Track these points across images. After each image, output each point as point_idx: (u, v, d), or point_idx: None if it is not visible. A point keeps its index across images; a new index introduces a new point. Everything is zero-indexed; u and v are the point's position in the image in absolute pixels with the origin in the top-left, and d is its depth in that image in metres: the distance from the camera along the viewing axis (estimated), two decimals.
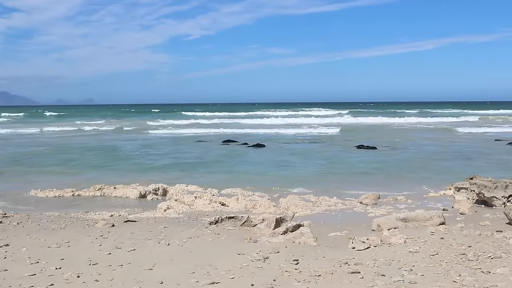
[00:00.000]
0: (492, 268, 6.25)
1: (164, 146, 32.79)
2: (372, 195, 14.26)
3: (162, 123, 64.87)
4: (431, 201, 14.06)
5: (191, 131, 47.75)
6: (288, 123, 62.03)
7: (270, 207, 13.17)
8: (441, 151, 28.22)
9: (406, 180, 18.05)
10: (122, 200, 15.02)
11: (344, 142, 34.32)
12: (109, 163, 23.91)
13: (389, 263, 6.78)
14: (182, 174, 19.97)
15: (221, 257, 7.34)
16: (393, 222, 9.69)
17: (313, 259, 7.16)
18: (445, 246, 7.59)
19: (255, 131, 47.90)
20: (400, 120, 66.33)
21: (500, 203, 12.67)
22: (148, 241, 8.70)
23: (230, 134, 42.94)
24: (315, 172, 20.33)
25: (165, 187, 15.85)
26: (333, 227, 10.23)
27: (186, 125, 59.69)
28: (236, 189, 15.75)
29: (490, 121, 63.82)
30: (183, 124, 63.18)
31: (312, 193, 15.07)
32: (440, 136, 38.69)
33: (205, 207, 13.38)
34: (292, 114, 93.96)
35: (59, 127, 56.69)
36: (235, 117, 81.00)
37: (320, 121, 65.27)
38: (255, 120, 70.23)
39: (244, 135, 42.42)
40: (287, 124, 60.28)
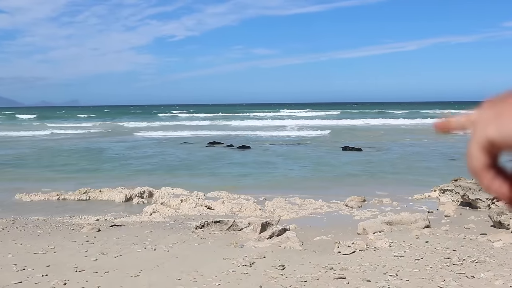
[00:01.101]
0: (476, 273, 6.32)
1: (149, 148, 32.69)
2: (358, 198, 14.33)
3: (147, 125, 64.67)
4: (417, 203, 14.15)
5: (176, 133, 47.64)
6: (273, 124, 62.03)
7: (256, 210, 13.19)
8: (426, 152, 28.39)
9: (391, 181, 18.15)
10: (107, 204, 14.95)
11: (330, 144, 34.43)
12: (94, 166, 23.80)
13: (374, 268, 6.83)
14: (167, 176, 19.92)
15: (207, 262, 7.35)
16: (379, 225, 9.76)
17: (299, 264, 7.20)
18: (430, 250, 7.66)
19: (241, 132, 47.93)
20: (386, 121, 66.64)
21: (485, 205, 12.79)
22: (134, 246, 8.69)
23: (215, 135, 42.90)
24: (301, 174, 20.38)
25: (151, 190, 15.82)
26: (318, 231, 10.28)
27: (171, 127, 59.53)
28: (221, 192, 15.74)
29: None
30: (168, 125, 63.03)
31: (297, 195, 15.11)
32: (425, 137, 38.91)
33: (191, 211, 13.37)
34: (278, 115, 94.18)
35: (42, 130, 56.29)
36: (221, 118, 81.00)
37: (306, 123, 65.40)
38: (240, 122, 70.25)
39: (229, 136, 42.42)
40: (273, 125, 60.28)
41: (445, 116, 0.90)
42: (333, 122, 65.90)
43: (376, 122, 64.36)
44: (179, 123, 68.78)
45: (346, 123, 63.65)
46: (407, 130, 49.57)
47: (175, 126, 60.64)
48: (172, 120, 78.81)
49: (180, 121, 72.92)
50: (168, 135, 45.21)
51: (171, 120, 76.79)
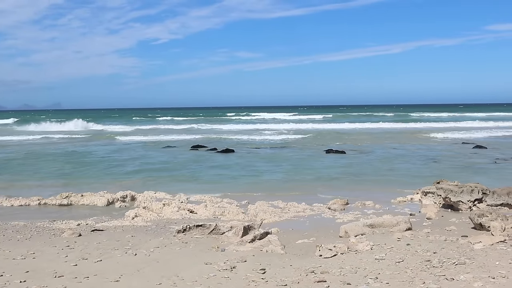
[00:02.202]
0: (456, 275, 6.34)
1: (132, 152, 32.53)
2: (341, 201, 14.35)
3: (130, 128, 64.37)
4: (399, 206, 14.20)
5: (159, 137, 47.45)
6: (258, 128, 61.98)
7: (239, 214, 13.16)
8: (409, 155, 28.53)
9: (374, 184, 18.22)
10: (89, 208, 14.85)
11: (313, 147, 34.50)
12: (77, 170, 23.63)
13: (355, 271, 6.83)
14: (150, 180, 19.83)
15: (188, 267, 7.31)
16: (360, 228, 9.77)
17: (280, 267, 7.18)
18: (411, 253, 7.68)
19: (225, 136, 47.86)
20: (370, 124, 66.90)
21: (466, 207, 12.87)
22: (115, 251, 8.62)
23: (199, 139, 42.84)
24: (284, 177, 20.38)
25: (133, 194, 15.74)
26: (301, 234, 10.27)
27: (155, 130, 59.36)
28: (204, 195, 15.70)
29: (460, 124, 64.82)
30: (152, 129, 62.80)
31: (280, 199, 15.10)
32: (408, 140, 39.12)
33: (174, 215, 13.31)
34: (263, 119, 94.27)
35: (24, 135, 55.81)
36: (205, 122, 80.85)
37: (290, 126, 65.45)
38: (224, 125, 70.16)
39: (213, 140, 42.37)
40: (257, 129, 60.23)
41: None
42: (317, 126, 66.02)
43: (361, 126, 64.55)
44: (163, 126, 68.53)
45: (330, 127, 63.78)
46: (391, 133, 49.78)
47: (158, 130, 60.48)
48: (156, 123, 78.53)
49: (164, 125, 72.62)
50: (151, 139, 44.98)
51: (155, 124, 76.51)
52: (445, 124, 66.27)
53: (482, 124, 63.96)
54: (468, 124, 63.67)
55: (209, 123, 75.20)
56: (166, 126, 69.58)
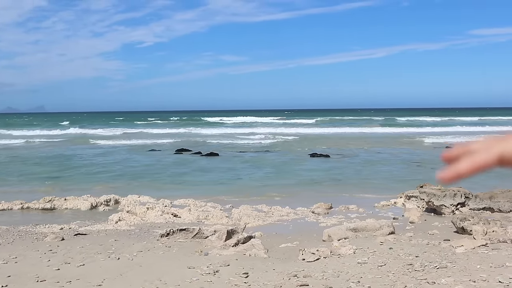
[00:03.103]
0: (437, 279, 6.40)
1: (116, 156, 32.40)
2: (324, 204, 14.39)
3: (114, 132, 64.05)
4: (382, 210, 14.27)
5: (144, 140, 47.28)
6: (243, 131, 61.95)
7: (223, 218, 13.15)
8: (393, 158, 28.69)
9: (358, 188, 18.28)
10: (72, 212, 14.76)
11: (298, 151, 34.57)
12: (60, 174, 23.47)
13: (337, 275, 6.87)
14: (134, 184, 19.76)
15: (171, 271, 7.30)
16: (344, 232, 9.81)
17: (263, 271, 7.19)
18: (393, 257, 7.72)
19: (209, 139, 47.83)
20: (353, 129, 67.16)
21: (449, 211, 12.97)
22: (98, 255, 8.59)
23: (184, 142, 42.74)
24: (268, 181, 20.39)
25: (117, 198, 15.67)
26: (284, 238, 10.29)
27: (139, 134, 59.12)
28: (188, 199, 15.67)
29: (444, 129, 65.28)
30: (136, 132, 62.52)
31: (264, 203, 15.12)
32: (392, 144, 39.33)
33: (157, 219, 13.27)
34: (248, 122, 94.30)
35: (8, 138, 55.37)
36: (190, 125, 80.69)
37: (275, 130, 65.54)
38: (209, 129, 70.04)
39: (198, 143, 42.30)
40: (242, 132, 60.19)
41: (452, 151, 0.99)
42: (302, 129, 66.13)
43: (345, 130, 64.78)
44: (148, 130, 68.15)
45: (315, 131, 63.93)
46: (375, 137, 50.01)
47: (143, 133, 60.23)
48: (140, 127, 78.19)
49: (148, 128, 72.25)
50: (136, 142, 44.82)
51: (139, 127, 76.15)
52: (429, 128, 66.72)
53: (466, 128, 64.44)
54: (451, 129, 64.13)
55: (194, 127, 75.02)
56: (151, 129, 69.21)
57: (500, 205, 12.85)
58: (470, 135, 50.48)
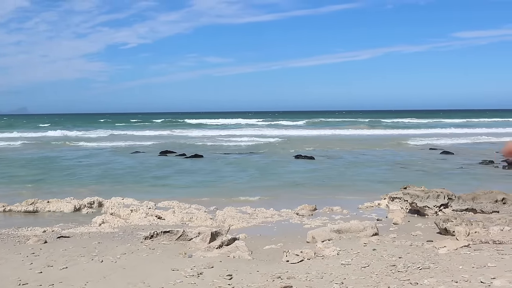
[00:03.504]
0: (420, 279, 6.43)
1: (100, 158, 32.23)
2: (309, 206, 14.41)
3: (98, 134, 63.69)
4: (366, 211, 14.33)
5: (128, 142, 47.06)
6: (228, 133, 61.83)
7: (207, 220, 13.13)
8: (378, 160, 28.83)
9: (342, 190, 18.35)
10: (56, 215, 14.66)
11: (283, 152, 34.63)
12: (43, 176, 23.29)
13: (321, 276, 6.88)
14: (117, 186, 19.66)
15: (155, 273, 7.28)
16: (328, 234, 9.83)
17: (247, 273, 7.19)
18: (377, 258, 7.75)
19: (194, 141, 47.75)
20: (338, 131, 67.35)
21: (432, 212, 13.06)
22: (81, 258, 8.53)
23: (168, 144, 42.61)
24: (252, 183, 20.41)
25: (101, 200, 15.59)
26: (268, 240, 10.30)
27: (123, 136, 58.80)
28: (172, 201, 15.62)
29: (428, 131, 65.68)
30: (120, 134, 62.16)
31: (249, 205, 15.12)
32: (377, 145, 39.50)
33: (141, 221, 13.22)
34: (232, 124, 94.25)
35: None
36: (174, 127, 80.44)
37: (260, 131, 65.55)
38: (193, 130, 69.84)
39: (182, 145, 42.20)
40: (227, 134, 60.08)
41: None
42: (286, 131, 66.16)
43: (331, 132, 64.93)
44: (132, 131, 67.80)
45: (300, 132, 64.01)
46: (360, 139, 50.20)
47: (127, 135, 59.92)
48: (124, 128, 77.77)
49: (132, 130, 71.86)
50: (120, 144, 44.59)
51: (123, 129, 75.72)
52: (414, 130, 67.13)
53: (449, 130, 64.89)
54: (435, 130, 64.53)
55: (178, 128, 74.75)
56: (135, 131, 68.90)
57: (482, 206, 12.96)
58: (454, 137, 50.87)
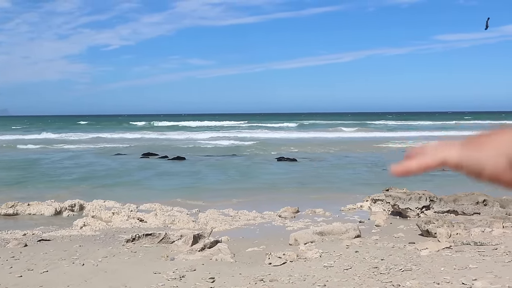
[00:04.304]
0: (402, 281, 6.45)
1: (82, 160, 31.96)
2: (291, 208, 14.41)
3: (81, 136, 63.18)
4: (349, 213, 14.37)
5: (110, 144, 46.76)
6: (210, 136, 61.64)
7: (189, 223, 13.08)
8: (361, 162, 28.93)
9: (325, 192, 18.37)
10: (36, 218, 14.49)
11: (265, 154, 34.63)
12: (23, 178, 23.04)
13: (303, 278, 6.87)
14: (99, 189, 19.51)
15: (136, 276, 7.22)
16: (310, 236, 9.84)
17: (229, 276, 7.16)
18: (359, 260, 7.77)
19: (177, 143, 47.56)
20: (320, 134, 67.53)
21: (414, 214, 13.13)
22: (62, 261, 8.44)
23: (150, 146, 42.37)
24: (235, 185, 20.36)
25: (82, 203, 15.44)
26: (251, 242, 10.28)
27: (105, 138, 58.43)
28: (154, 204, 15.53)
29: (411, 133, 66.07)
30: (102, 136, 61.75)
31: (231, 207, 15.08)
32: (360, 148, 39.66)
33: (123, 224, 13.13)
34: (215, 126, 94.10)
35: None
36: (157, 129, 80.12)
37: (243, 133, 65.51)
38: (175, 132, 69.60)
39: (165, 147, 41.96)
40: (209, 137, 59.89)
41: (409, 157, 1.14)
42: (270, 133, 66.20)
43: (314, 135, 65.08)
44: (114, 133, 67.30)
45: (283, 135, 64.05)
46: (342, 141, 50.35)
47: (109, 137, 59.52)
48: (106, 130, 77.23)
49: (114, 132, 71.35)
50: (101, 146, 44.26)
51: (105, 131, 75.15)
52: (396, 132, 67.53)
53: (431, 132, 65.31)
54: (417, 133, 64.91)
55: (161, 131, 74.48)
56: (117, 133, 68.44)
57: (464, 207, 13.05)
58: (436, 139, 51.12)
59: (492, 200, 13.11)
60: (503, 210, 12.75)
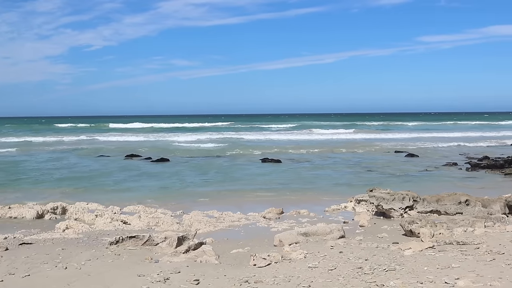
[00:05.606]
0: (386, 281, 6.46)
1: (64, 162, 31.68)
2: (276, 209, 14.42)
3: (64, 137, 62.70)
4: (333, 214, 14.41)
5: (93, 145, 46.43)
6: (196, 138, 61.39)
7: (173, 224, 13.02)
8: (345, 163, 29.03)
9: (309, 192, 18.43)
10: (17, 221, 14.34)
11: (250, 156, 34.63)
12: (4, 181, 22.81)
13: (288, 279, 6.86)
14: (82, 191, 19.37)
15: (120, 279, 7.17)
16: (295, 237, 9.84)
17: (214, 278, 7.13)
18: (343, 260, 7.77)
19: (160, 145, 47.36)
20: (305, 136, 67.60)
21: (398, 215, 13.20)
22: (44, 265, 8.35)
23: (134, 148, 42.10)
24: (219, 186, 20.35)
25: (64, 205, 15.32)
26: (235, 244, 10.26)
27: (88, 139, 57.99)
28: (138, 206, 15.46)
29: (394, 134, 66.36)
30: (85, 137, 61.26)
31: (215, 208, 15.05)
32: (345, 149, 39.77)
33: (106, 226, 13.04)
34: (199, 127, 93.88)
35: None
36: (140, 131, 79.67)
37: (228, 135, 65.41)
38: (159, 134, 69.28)
39: (149, 149, 41.75)
40: (195, 139, 59.61)
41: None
42: (253, 135, 66.13)
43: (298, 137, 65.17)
44: (96, 134, 66.75)
45: (267, 136, 64.01)
46: (328, 142, 50.48)
47: (92, 138, 59.04)
48: (89, 131, 76.75)
49: (97, 133, 70.86)
50: (84, 147, 43.91)
51: (88, 132, 74.65)
52: (379, 133, 67.84)
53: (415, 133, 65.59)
54: (401, 134, 65.23)
55: (145, 132, 74.01)
56: (99, 134, 67.92)
57: (446, 207, 13.14)
58: (419, 140, 51.55)
59: (474, 200, 13.21)
60: (485, 210, 12.85)
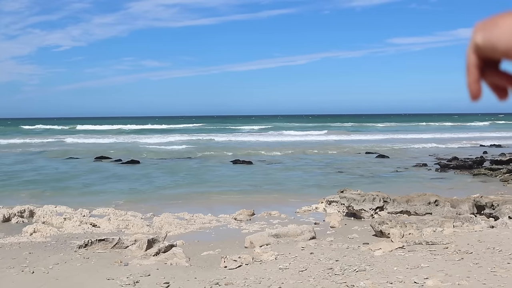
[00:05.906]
0: (356, 282, 6.49)
1: (31, 164, 31.16)
2: (247, 211, 14.40)
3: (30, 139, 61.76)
4: (304, 215, 14.43)
5: (62, 147, 45.82)
6: (167, 139, 60.99)
7: (144, 227, 12.90)
8: (316, 164, 29.14)
9: (280, 194, 18.44)
10: None
11: (221, 157, 34.54)
12: None
13: (259, 281, 6.85)
14: (50, 194, 19.07)
15: (89, 283, 7.08)
16: (266, 239, 9.84)
17: (185, 280, 7.08)
18: (314, 261, 7.79)
19: (130, 147, 46.97)
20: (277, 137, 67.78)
21: (368, 215, 13.29)
22: (10, 269, 8.20)
23: (104, 149, 41.62)
24: (190, 188, 20.23)
25: (32, 208, 15.05)
26: (206, 246, 10.21)
27: (57, 141, 57.24)
28: (108, 208, 15.28)
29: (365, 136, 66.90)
30: (53, 139, 60.45)
31: (186, 210, 14.97)
32: (316, 150, 39.93)
33: (75, 229, 12.85)
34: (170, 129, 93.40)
35: None
36: (111, 133, 78.96)
37: (199, 136, 65.17)
38: (129, 136, 68.74)
39: (119, 150, 41.35)
40: (167, 141, 59.20)
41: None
42: (225, 136, 66.01)
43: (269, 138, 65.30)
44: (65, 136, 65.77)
45: (238, 138, 63.95)
46: (298, 143, 50.63)
47: (61, 140, 58.25)
48: (57, 133, 75.69)
49: (66, 135, 69.82)
50: (53, 149, 43.29)
51: (57, 134, 73.64)
52: (350, 134, 68.35)
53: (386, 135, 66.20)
54: (372, 135, 65.78)
55: (115, 134, 73.33)
56: (68, 136, 66.93)
57: (416, 208, 13.27)
58: (390, 141, 52.06)
59: (443, 201, 13.37)
60: (454, 210, 13.02)
